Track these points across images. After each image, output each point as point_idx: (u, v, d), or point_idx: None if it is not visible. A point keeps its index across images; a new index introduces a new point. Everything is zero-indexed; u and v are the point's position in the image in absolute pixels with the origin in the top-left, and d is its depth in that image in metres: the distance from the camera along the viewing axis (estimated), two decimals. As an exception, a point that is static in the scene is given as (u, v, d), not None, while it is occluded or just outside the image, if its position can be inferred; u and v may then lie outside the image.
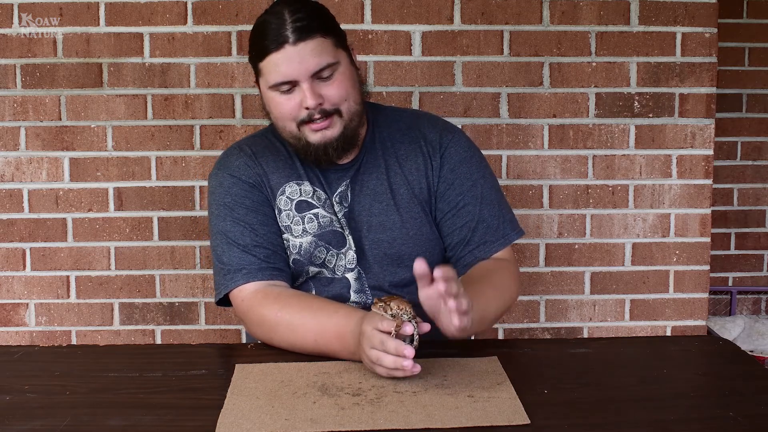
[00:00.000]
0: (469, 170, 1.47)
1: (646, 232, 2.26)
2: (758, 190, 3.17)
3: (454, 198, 1.45)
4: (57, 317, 2.25)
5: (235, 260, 1.40)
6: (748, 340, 3.05)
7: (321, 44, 1.33)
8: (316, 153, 1.38)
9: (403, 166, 1.46)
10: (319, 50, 1.32)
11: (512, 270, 1.46)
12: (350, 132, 1.39)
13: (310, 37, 1.32)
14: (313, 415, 1.02)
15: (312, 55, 1.32)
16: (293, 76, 1.32)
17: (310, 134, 1.37)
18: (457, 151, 1.47)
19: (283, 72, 1.32)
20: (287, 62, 1.32)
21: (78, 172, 2.20)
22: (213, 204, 1.46)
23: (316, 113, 1.34)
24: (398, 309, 1.12)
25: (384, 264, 1.44)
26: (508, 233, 1.47)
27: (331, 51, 1.34)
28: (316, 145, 1.37)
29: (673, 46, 2.20)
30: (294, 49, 1.31)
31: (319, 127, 1.35)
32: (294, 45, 1.31)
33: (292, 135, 1.39)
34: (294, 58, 1.31)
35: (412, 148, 1.47)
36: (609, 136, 2.23)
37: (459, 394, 1.08)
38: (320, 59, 1.32)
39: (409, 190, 1.45)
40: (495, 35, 2.18)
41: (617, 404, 1.08)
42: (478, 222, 1.45)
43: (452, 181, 1.46)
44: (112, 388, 1.15)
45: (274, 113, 1.39)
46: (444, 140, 1.48)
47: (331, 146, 1.37)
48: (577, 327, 2.30)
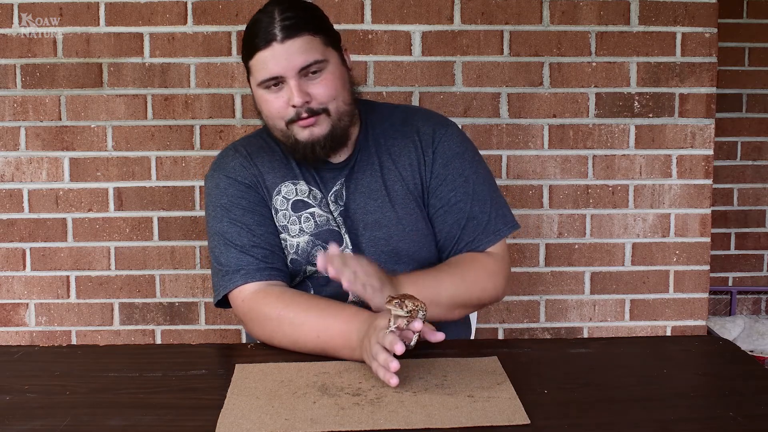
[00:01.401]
0: (462, 165, 1.47)
1: (646, 232, 2.26)
2: (758, 190, 3.17)
3: (445, 194, 1.45)
4: (57, 317, 2.25)
5: (233, 261, 1.40)
6: (748, 340, 3.05)
7: (309, 42, 1.34)
8: (304, 151, 1.39)
9: (396, 162, 1.46)
10: (306, 48, 1.33)
11: (490, 264, 1.45)
12: (339, 131, 1.39)
13: (297, 35, 1.33)
14: (313, 415, 1.02)
15: (299, 52, 1.33)
16: (280, 72, 1.33)
17: (298, 132, 1.37)
18: (450, 146, 1.47)
19: (270, 69, 1.33)
20: (274, 59, 1.33)
21: (78, 172, 2.20)
22: (210, 205, 1.46)
23: (303, 111, 1.35)
24: (414, 305, 1.12)
25: (381, 261, 1.44)
26: (500, 228, 1.47)
27: (319, 49, 1.35)
28: (303, 143, 1.38)
29: (673, 46, 2.20)
30: (281, 47, 1.32)
31: (306, 123, 1.36)
32: (281, 43, 1.32)
33: (282, 133, 1.40)
34: (281, 56, 1.32)
35: (405, 143, 1.47)
36: (609, 136, 2.23)
37: (459, 394, 1.08)
38: (307, 56, 1.33)
39: (403, 186, 1.46)
40: (495, 35, 2.18)
41: (617, 404, 1.08)
42: (468, 219, 1.45)
43: (444, 177, 1.45)
44: (112, 388, 1.14)
45: (264, 112, 1.40)
46: (437, 134, 1.48)
47: (318, 144, 1.38)
48: (577, 327, 2.30)
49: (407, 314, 1.11)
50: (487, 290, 1.44)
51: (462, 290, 1.40)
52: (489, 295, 1.45)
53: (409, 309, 1.11)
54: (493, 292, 1.45)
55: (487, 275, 1.44)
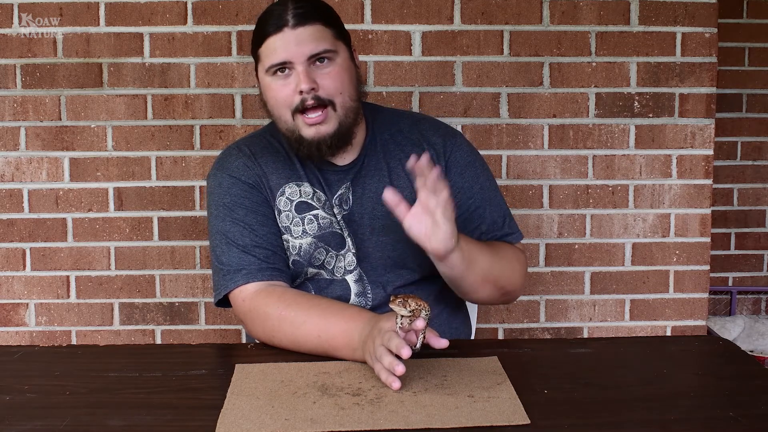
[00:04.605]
0: (475, 173, 1.49)
1: (646, 232, 2.26)
2: (758, 190, 3.17)
3: (464, 203, 1.46)
4: (57, 317, 2.25)
5: (234, 261, 1.40)
6: (748, 340, 3.05)
7: (320, 31, 1.35)
8: (309, 149, 1.38)
9: (406, 169, 1.46)
10: (317, 36, 1.34)
11: (519, 254, 1.48)
12: (344, 129, 1.39)
13: (309, 23, 1.34)
14: (313, 415, 1.02)
15: (310, 39, 1.34)
16: (289, 58, 1.34)
17: (303, 128, 1.37)
18: (462, 156, 1.49)
19: (280, 54, 1.34)
20: (285, 44, 1.33)
21: (78, 172, 2.20)
22: (212, 204, 1.46)
23: (309, 99, 1.34)
24: (416, 305, 1.12)
25: (388, 266, 1.44)
26: (515, 231, 1.51)
27: (330, 40, 1.36)
28: (309, 141, 1.37)
29: (673, 46, 2.20)
30: (293, 33, 1.33)
31: (313, 120, 1.35)
32: (293, 29, 1.33)
33: (286, 126, 1.39)
34: (291, 41, 1.33)
35: (415, 151, 1.46)
36: (609, 136, 2.23)
37: (459, 394, 1.08)
38: (317, 44, 1.34)
39: (412, 192, 1.45)
40: (495, 35, 2.18)
41: (617, 404, 1.08)
42: (488, 224, 1.48)
43: (461, 186, 1.47)
44: (112, 388, 1.14)
45: (270, 101, 1.39)
46: (448, 145, 1.49)
47: (324, 143, 1.37)
48: (577, 327, 2.30)
49: (410, 314, 1.11)
50: (514, 275, 1.45)
51: (497, 266, 1.40)
52: (514, 282, 1.45)
53: (412, 309, 1.11)
54: (518, 280, 1.46)
55: (516, 262, 1.46)
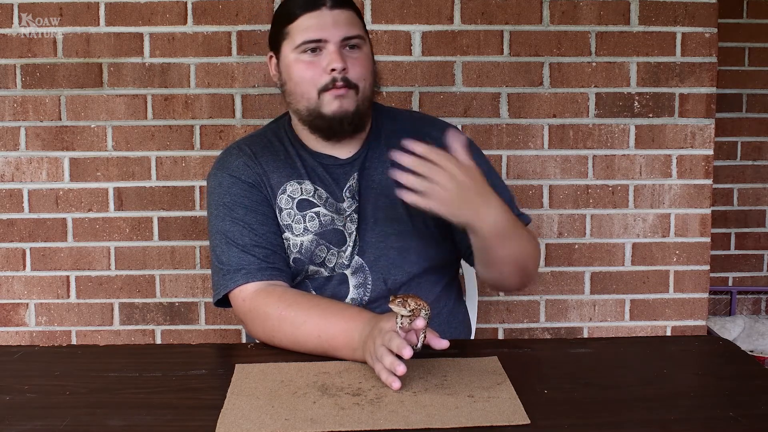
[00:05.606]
0: (479, 163, 1.48)
1: (646, 232, 2.26)
2: (758, 190, 3.17)
3: None
4: (57, 317, 2.25)
5: (234, 260, 1.40)
6: (748, 340, 3.05)
7: (354, 18, 1.41)
8: (331, 123, 1.39)
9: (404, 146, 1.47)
10: (352, 21, 1.39)
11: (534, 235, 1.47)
12: (362, 112, 1.41)
13: (346, 8, 1.39)
14: (313, 415, 1.02)
15: (346, 22, 1.38)
16: (325, 36, 1.36)
17: (329, 103, 1.38)
18: (461, 144, 1.47)
19: (316, 31, 1.36)
20: (321, 23, 1.36)
21: (78, 172, 2.20)
22: (212, 204, 1.46)
23: (339, 79, 1.36)
24: (416, 305, 1.12)
25: (391, 257, 1.44)
26: (523, 214, 1.51)
27: (361, 28, 1.41)
28: (331, 116, 1.39)
29: (673, 46, 2.20)
30: (330, 13, 1.37)
31: (339, 93, 1.37)
32: (330, 9, 1.37)
33: (308, 104, 1.40)
34: (328, 20, 1.37)
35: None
36: (609, 136, 2.23)
37: (459, 394, 1.08)
38: (352, 28, 1.38)
39: None
40: (495, 35, 2.18)
41: (617, 404, 1.08)
42: None
43: None
44: (112, 388, 1.14)
45: (295, 78, 1.40)
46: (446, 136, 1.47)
47: (347, 119, 1.39)
48: (577, 327, 2.30)
49: (410, 313, 1.11)
50: (535, 253, 1.43)
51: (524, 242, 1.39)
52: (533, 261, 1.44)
53: (412, 308, 1.11)
54: (536, 260, 1.45)
55: (536, 244, 1.45)
